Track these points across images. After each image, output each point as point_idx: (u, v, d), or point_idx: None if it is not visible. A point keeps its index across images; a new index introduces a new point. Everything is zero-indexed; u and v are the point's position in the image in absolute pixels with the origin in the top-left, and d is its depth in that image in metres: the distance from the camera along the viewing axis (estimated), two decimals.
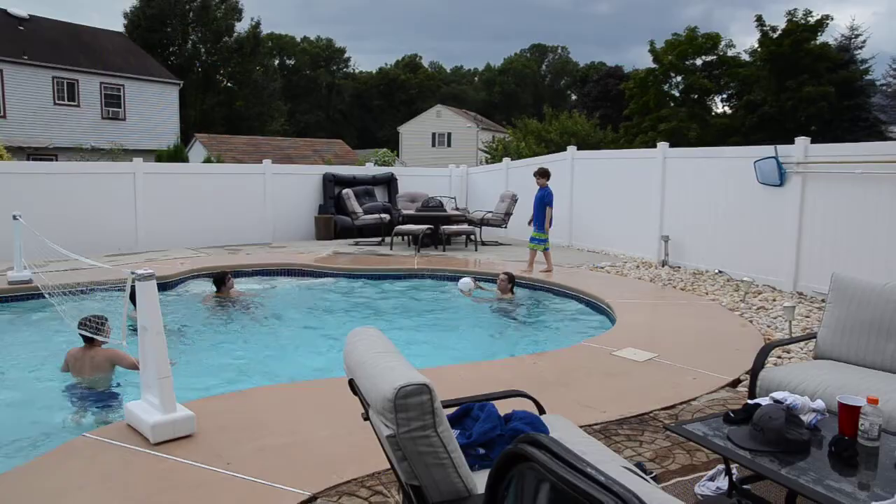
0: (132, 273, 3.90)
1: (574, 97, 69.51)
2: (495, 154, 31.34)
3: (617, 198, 12.29)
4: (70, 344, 5.72)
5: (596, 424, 4.18)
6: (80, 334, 5.29)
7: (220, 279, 8.63)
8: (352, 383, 2.39)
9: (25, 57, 26.37)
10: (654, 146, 11.67)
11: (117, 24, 47.54)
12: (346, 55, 78.16)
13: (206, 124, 43.78)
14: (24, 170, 12.87)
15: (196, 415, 3.95)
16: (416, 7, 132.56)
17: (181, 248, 12.53)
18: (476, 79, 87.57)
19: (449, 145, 50.51)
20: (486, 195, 15.94)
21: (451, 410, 2.71)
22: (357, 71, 79.27)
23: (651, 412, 4.41)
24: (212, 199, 13.51)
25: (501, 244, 13.95)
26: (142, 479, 3.43)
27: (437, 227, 13.09)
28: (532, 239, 10.43)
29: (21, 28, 28.18)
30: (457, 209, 15.11)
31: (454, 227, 13.40)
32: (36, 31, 28.58)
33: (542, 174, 10.48)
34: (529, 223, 10.78)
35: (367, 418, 2.42)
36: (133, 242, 12.32)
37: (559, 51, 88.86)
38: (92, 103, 28.48)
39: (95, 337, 5.21)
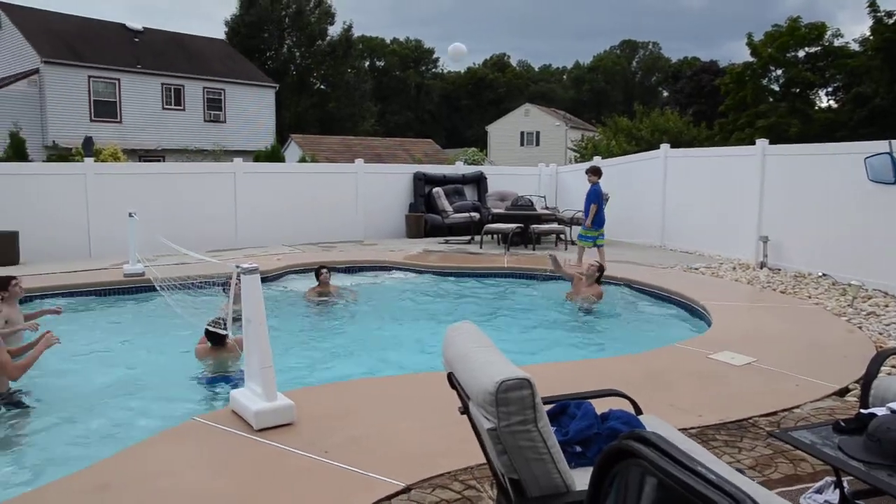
0: (237, 267, 4.10)
1: (666, 94, 67.49)
2: (585, 153, 30.88)
3: (712, 197, 11.86)
4: (181, 331, 6.07)
5: (692, 428, 4.06)
6: (208, 331, 5.58)
7: (318, 273, 8.95)
8: (450, 377, 2.44)
9: (139, 66, 28.18)
10: (752, 143, 11.19)
11: (219, 32, 49.87)
12: (435, 55, 78.93)
13: (301, 125, 45.28)
14: (138, 170, 13.77)
15: (295, 404, 4.10)
16: (503, 7, 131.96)
17: (277, 244, 13.02)
18: (564, 77, 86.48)
19: (537, 144, 50.14)
20: (576, 194, 15.72)
21: (548, 408, 2.72)
22: (445, 71, 79.90)
23: (751, 418, 4.25)
24: (306, 198, 13.97)
25: None
26: (247, 463, 3.61)
27: (527, 225, 13.05)
28: (579, 236, 10.71)
29: (136, 40, 30.19)
30: (546, 208, 15.01)
31: (544, 227, 13.32)
32: (148, 42, 30.51)
33: (593, 172, 10.69)
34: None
35: (463, 412, 2.46)
36: (233, 239, 12.91)
37: (650, 47, 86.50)
38: (195, 107, 30.04)
39: (220, 332, 5.48)
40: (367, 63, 67.18)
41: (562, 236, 13.36)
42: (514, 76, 77.74)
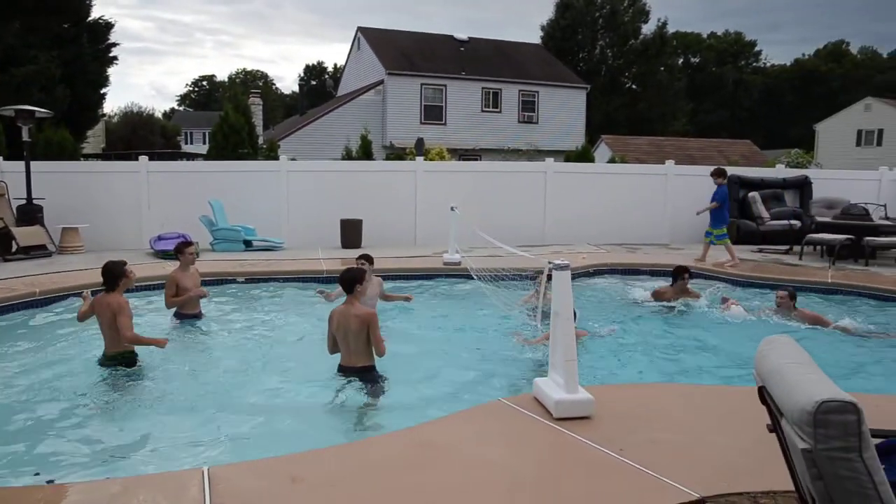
0: (549, 263, 4.35)
1: None
2: None
3: None
4: (493, 318, 6.57)
5: None
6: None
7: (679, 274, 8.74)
8: (762, 391, 2.35)
9: (463, 73, 30.93)
10: None
11: (535, 37, 52.08)
12: (757, 48, 72.46)
13: (611, 126, 45.20)
14: (458, 168, 15.15)
15: (595, 399, 4.23)
16: None
17: (583, 243, 13.28)
18: None
19: (879, 144, 43.18)
20: None
21: (877, 442, 2.45)
22: (768, 65, 72.94)
23: None
24: (612, 198, 14.03)
25: None
26: (543, 447, 3.85)
27: (860, 237, 11.45)
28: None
29: (462, 49, 33.23)
30: (887, 219, 13.01)
31: (883, 240, 11.57)
32: (472, 50, 33.34)
33: (719, 174, 10.97)
34: None
35: (772, 430, 2.35)
36: (541, 235, 13.49)
37: None
38: (511, 109, 31.95)
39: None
40: (680, 60, 64.44)
41: None
42: (853, 66, 67.87)
